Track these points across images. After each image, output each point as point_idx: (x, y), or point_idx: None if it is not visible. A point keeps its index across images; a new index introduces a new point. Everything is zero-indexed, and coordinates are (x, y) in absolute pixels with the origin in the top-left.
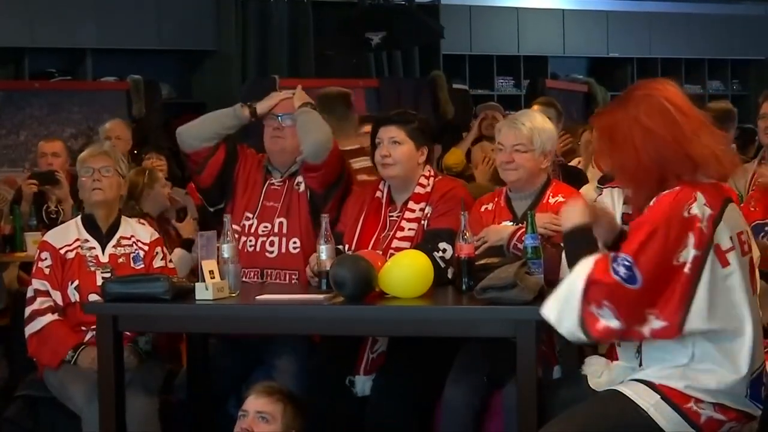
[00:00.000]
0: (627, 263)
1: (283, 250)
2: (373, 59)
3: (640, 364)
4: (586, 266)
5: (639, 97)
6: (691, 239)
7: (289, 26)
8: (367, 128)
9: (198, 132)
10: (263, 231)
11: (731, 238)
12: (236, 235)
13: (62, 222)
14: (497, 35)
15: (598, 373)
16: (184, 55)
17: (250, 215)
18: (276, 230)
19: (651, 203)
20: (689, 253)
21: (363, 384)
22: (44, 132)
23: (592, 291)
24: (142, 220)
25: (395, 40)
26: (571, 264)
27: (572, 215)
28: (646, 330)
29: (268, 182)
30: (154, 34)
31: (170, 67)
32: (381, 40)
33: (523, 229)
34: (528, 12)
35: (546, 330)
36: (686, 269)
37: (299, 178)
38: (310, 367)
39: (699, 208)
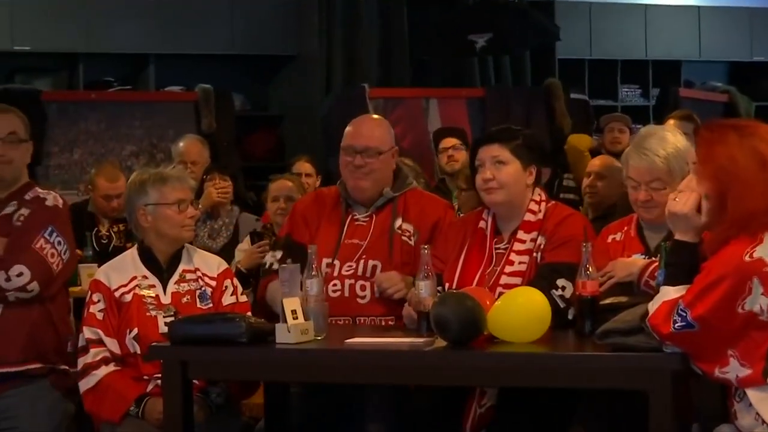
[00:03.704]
0: (683, 313)
1: (377, 294)
2: (477, 65)
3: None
4: (651, 307)
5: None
6: (758, 286)
7: (381, 28)
8: (446, 143)
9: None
10: (348, 272)
11: None
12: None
13: (114, 248)
14: (622, 37)
15: None
16: (259, 62)
17: (329, 259)
18: (368, 274)
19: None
20: (758, 301)
21: None
22: (101, 150)
23: (653, 332)
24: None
25: (503, 43)
26: (669, 281)
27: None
28: (731, 376)
29: (350, 217)
30: (226, 38)
31: (244, 76)
32: (487, 42)
33: (656, 264)
34: (658, 9)
35: (682, 382)
36: (764, 317)
37: (403, 224)
38: (405, 420)
39: (765, 249)
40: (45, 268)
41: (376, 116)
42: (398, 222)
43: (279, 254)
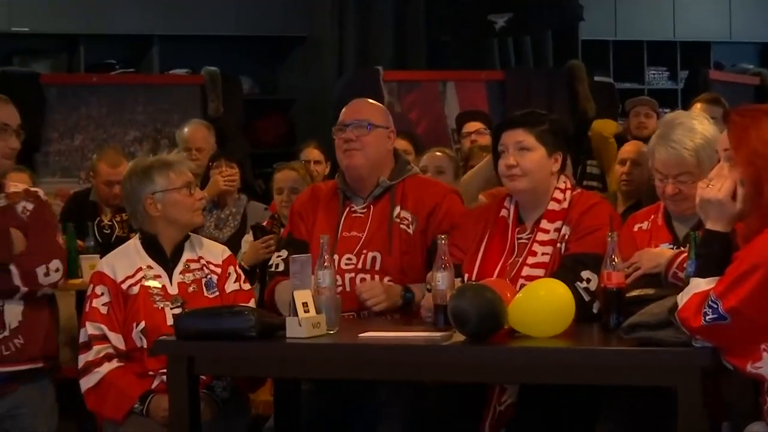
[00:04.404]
0: (714, 305)
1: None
2: (497, 46)
3: None
4: (681, 299)
5: None
6: None
7: (396, 7)
8: (469, 127)
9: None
10: (348, 266)
11: None
12: None
13: (117, 238)
14: (648, 17)
15: None
16: (269, 43)
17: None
18: (368, 267)
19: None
20: None
21: None
22: (103, 135)
23: (683, 326)
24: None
25: (524, 23)
26: (700, 273)
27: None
28: (764, 371)
29: (347, 209)
30: (233, 18)
31: (252, 58)
32: (507, 23)
33: (685, 254)
34: None
35: (712, 378)
36: None
37: (402, 212)
38: (419, 418)
39: None
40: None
41: (372, 100)
42: (396, 210)
43: (284, 253)
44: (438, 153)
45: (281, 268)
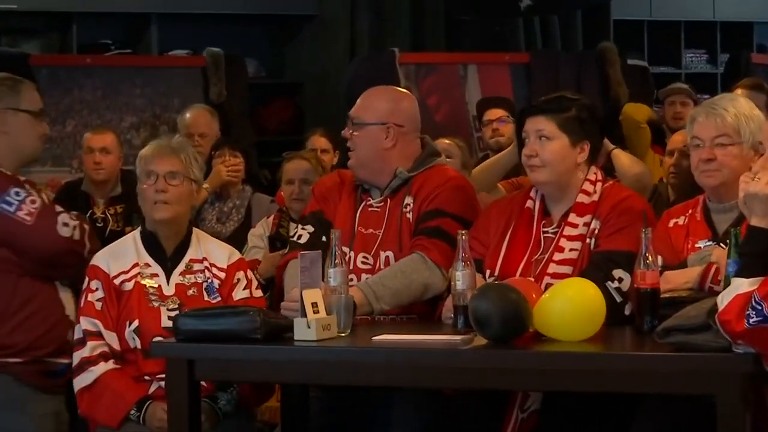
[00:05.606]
0: (758, 306)
1: None
2: (522, 27)
3: None
4: (721, 301)
5: None
6: None
7: None
8: (491, 114)
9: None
10: (364, 264)
11: None
12: None
13: (110, 233)
14: None
15: None
16: (275, 23)
17: (346, 249)
18: (382, 265)
19: None
20: None
21: None
22: (97, 121)
23: (724, 330)
24: (219, 241)
25: (552, 2)
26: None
27: None
28: None
29: (364, 204)
30: None
31: (258, 38)
32: (533, 1)
33: (716, 266)
34: None
35: (755, 386)
36: None
37: (408, 199)
38: (436, 426)
39: None
40: None
41: (388, 86)
42: (407, 200)
43: (310, 228)
44: (447, 141)
45: (303, 240)
